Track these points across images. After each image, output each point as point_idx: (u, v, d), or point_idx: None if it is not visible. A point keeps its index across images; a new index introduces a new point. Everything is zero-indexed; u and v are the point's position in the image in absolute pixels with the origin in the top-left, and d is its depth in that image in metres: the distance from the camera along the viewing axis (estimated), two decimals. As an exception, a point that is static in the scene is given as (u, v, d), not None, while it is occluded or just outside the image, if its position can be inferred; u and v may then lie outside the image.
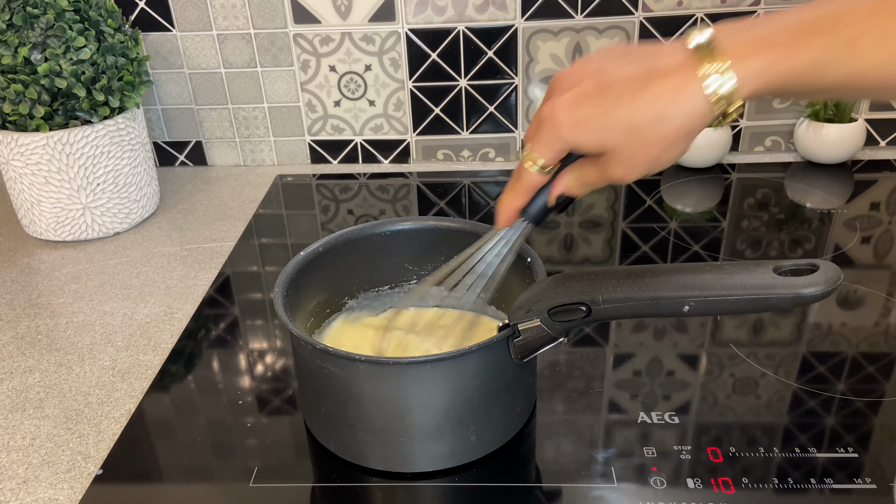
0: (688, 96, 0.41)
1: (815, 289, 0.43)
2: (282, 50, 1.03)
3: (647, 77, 0.41)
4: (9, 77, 0.80)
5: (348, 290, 0.66)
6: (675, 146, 0.42)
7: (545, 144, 0.45)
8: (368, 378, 0.51)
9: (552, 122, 0.44)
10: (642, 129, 0.42)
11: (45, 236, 0.91)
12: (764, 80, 0.40)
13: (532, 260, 0.58)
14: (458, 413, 0.52)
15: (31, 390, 0.65)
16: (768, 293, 0.44)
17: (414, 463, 0.54)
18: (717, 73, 0.40)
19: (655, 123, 0.41)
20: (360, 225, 0.65)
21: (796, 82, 0.40)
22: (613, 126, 0.42)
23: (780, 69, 0.40)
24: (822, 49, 0.39)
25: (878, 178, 0.98)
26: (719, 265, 0.47)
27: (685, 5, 0.97)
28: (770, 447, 0.54)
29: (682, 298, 0.45)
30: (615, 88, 0.42)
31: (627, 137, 0.42)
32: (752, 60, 0.40)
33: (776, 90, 0.41)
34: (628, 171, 0.43)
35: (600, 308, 0.48)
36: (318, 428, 0.57)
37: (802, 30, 0.40)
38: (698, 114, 0.41)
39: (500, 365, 0.52)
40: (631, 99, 0.41)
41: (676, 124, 0.41)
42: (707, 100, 0.40)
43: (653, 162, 0.43)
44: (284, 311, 0.54)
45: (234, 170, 1.11)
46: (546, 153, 0.45)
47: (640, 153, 0.42)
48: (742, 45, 0.40)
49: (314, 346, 0.51)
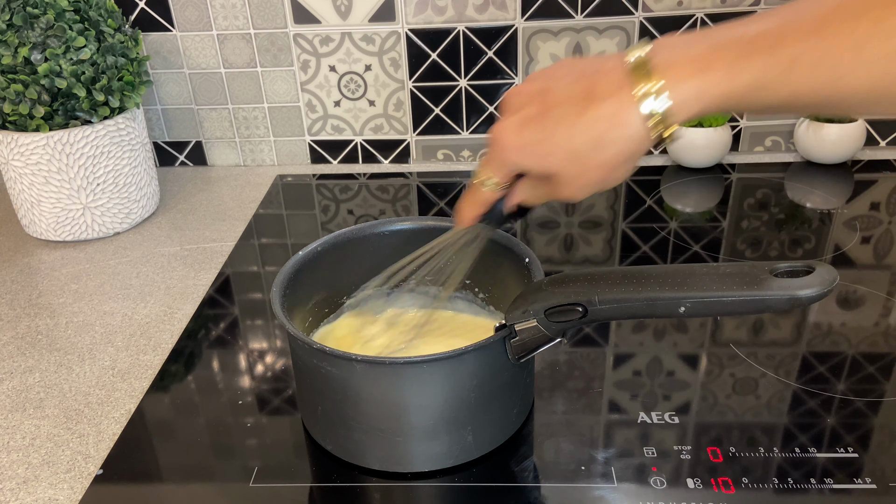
0: (624, 121, 0.41)
1: (811, 290, 0.43)
2: (282, 50, 1.03)
3: (585, 100, 0.41)
4: (9, 77, 0.80)
5: (346, 290, 0.66)
6: (617, 170, 0.43)
7: (494, 166, 0.46)
8: (365, 378, 0.51)
9: (499, 146, 0.45)
10: (582, 155, 0.42)
11: (45, 236, 0.91)
12: (701, 105, 0.40)
13: (530, 260, 0.58)
14: (454, 413, 0.52)
15: (31, 390, 0.65)
16: (764, 295, 0.44)
17: (411, 463, 0.54)
18: (653, 94, 0.40)
19: (594, 149, 0.41)
20: (358, 225, 0.65)
21: (735, 103, 0.40)
22: (554, 151, 0.42)
23: (717, 92, 0.39)
24: (762, 71, 0.38)
25: (878, 178, 0.98)
26: (715, 266, 0.47)
27: (685, 5, 0.97)
28: (770, 447, 0.54)
29: (678, 299, 0.45)
30: (555, 112, 0.42)
31: (569, 162, 0.42)
32: (688, 83, 0.39)
33: (714, 111, 0.41)
34: (574, 192, 0.44)
35: (596, 309, 0.48)
36: (315, 428, 0.57)
37: (742, 49, 0.39)
38: (635, 138, 0.41)
39: (497, 365, 0.52)
40: (570, 124, 0.42)
41: (615, 150, 0.41)
42: (644, 124, 0.40)
43: (599, 183, 0.44)
44: (282, 310, 0.54)
45: (234, 170, 1.11)
46: (496, 173, 0.46)
47: (584, 177, 0.43)
48: (679, 65, 0.40)
49: (310, 345, 0.51)
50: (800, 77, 0.38)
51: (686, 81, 0.39)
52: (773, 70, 0.38)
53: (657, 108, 0.40)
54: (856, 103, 0.40)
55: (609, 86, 0.41)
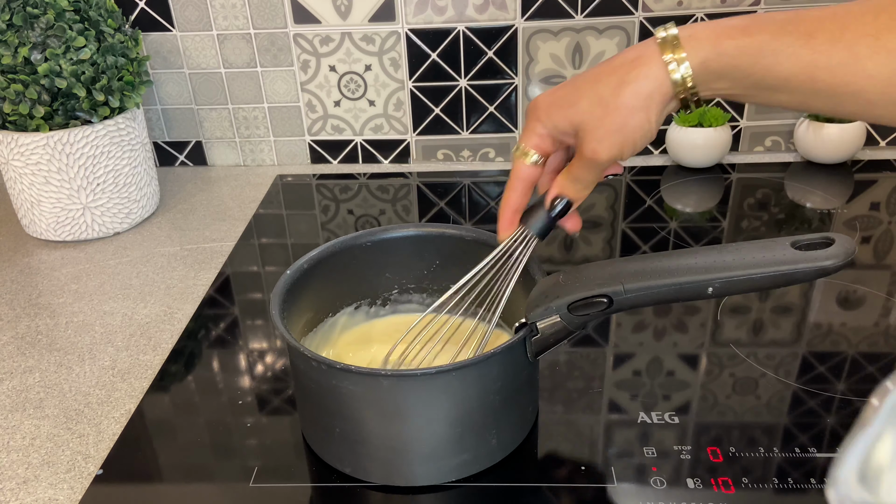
0: (643, 62, 0.45)
1: (836, 260, 0.45)
2: (282, 50, 1.03)
3: (613, 65, 0.47)
4: (9, 77, 0.80)
5: (348, 299, 0.65)
6: (637, 112, 0.45)
7: (528, 131, 0.50)
8: (392, 393, 0.49)
9: (532, 111, 0.50)
10: (605, 97, 0.46)
11: (45, 236, 0.91)
12: (716, 51, 0.43)
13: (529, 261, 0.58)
14: (482, 418, 0.51)
15: (31, 390, 0.65)
16: (792, 268, 0.45)
17: (435, 476, 0.52)
18: (673, 44, 0.44)
19: (616, 89, 0.45)
20: (358, 232, 0.64)
21: (749, 62, 0.42)
22: (580, 99, 0.47)
23: (732, 44, 0.43)
24: (777, 34, 0.41)
25: (878, 178, 0.98)
26: (736, 246, 0.48)
27: (685, 5, 0.97)
28: (770, 447, 0.54)
29: (706, 281, 0.47)
30: (586, 77, 0.48)
31: (592, 108, 0.46)
32: (705, 33, 0.44)
33: (728, 66, 0.43)
34: (598, 143, 0.46)
35: (622, 298, 0.48)
36: (329, 451, 0.54)
37: (761, 18, 0.43)
38: (654, 77, 0.44)
39: (518, 365, 0.52)
40: (597, 79, 0.47)
41: (635, 88, 0.45)
42: (663, 65, 0.44)
43: (619, 130, 0.46)
44: (282, 323, 0.53)
45: (234, 170, 1.11)
46: (531, 140, 0.50)
47: (607, 121, 0.46)
48: (700, 27, 0.44)
49: (332, 365, 0.49)
50: (816, 49, 0.40)
51: (704, 33, 0.44)
52: (790, 37, 0.41)
53: (677, 55, 0.44)
54: (871, 92, 0.40)
55: (634, 49, 0.46)
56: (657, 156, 1.07)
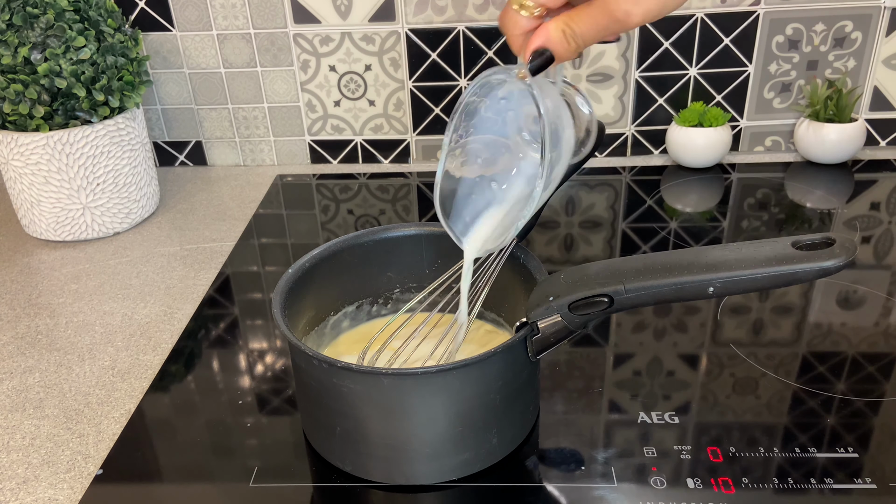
0: None
1: (837, 260, 0.44)
2: (282, 50, 1.03)
3: None
4: (9, 77, 0.80)
5: (349, 298, 0.65)
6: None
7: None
8: (393, 392, 0.49)
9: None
10: None
11: (44, 236, 0.91)
12: None
13: (525, 258, 0.58)
14: (483, 416, 0.51)
15: (31, 390, 0.65)
16: (793, 268, 0.45)
17: (436, 475, 0.52)
18: None
19: None
20: (361, 231, 0.64)
21: None
22: None
23: None
24: None
25: (878, 178, 0.98)
26: (737, 246, 0.48)
27: (685, 5, 0.97)
28: (770, 447, 0.54)
29: (707, 281, 0.46)
30: None
31: None
32: None
33: None
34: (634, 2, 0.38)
35: (623, 298, 0.48)
36: (331, 450, 0.55)
37: None
38: None
39: (519, 364, 0.52)
40: None
41: None
42: None
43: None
44: (285, 324, 0.53)
45: (234, 170, 1.11)
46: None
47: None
48: None
49: (334, 364, 0.48)
50: None
51: None
52: None
53: None
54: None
55: None
56: (657, 156, 1.07)
